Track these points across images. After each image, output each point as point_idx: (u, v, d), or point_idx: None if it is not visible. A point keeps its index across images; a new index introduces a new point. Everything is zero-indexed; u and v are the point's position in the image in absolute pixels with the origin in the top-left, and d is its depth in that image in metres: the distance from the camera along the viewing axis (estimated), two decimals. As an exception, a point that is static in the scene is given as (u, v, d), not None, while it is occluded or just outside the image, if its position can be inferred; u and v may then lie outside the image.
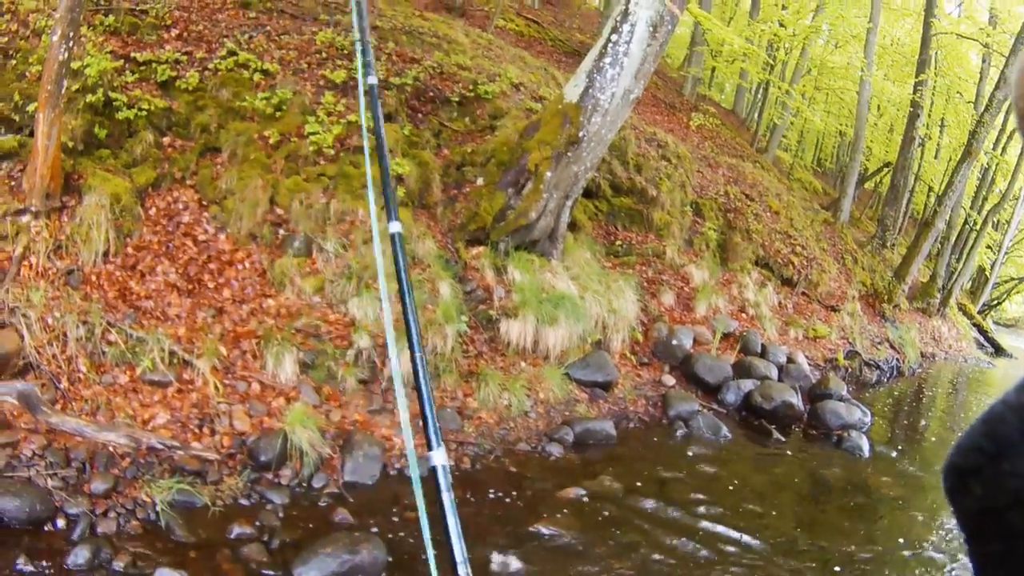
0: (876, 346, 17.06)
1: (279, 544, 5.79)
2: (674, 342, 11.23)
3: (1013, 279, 41.99)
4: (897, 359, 17.59)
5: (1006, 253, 32.27)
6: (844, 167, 29.93)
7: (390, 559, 5.74)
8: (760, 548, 7.32)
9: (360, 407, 7.68)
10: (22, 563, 5.00)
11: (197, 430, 6.66)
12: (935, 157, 28.13)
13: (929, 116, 23.47)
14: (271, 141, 8.88)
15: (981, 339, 28.84)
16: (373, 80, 2.68)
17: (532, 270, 9.51)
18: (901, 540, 8.29)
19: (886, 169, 27.21)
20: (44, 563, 5.08)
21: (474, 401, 8.42)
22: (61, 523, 5.47)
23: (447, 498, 1.46)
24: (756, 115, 26.76)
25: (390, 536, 6.11)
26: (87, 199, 7.53)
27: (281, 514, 6.18)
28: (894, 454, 11.23)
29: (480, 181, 9.69)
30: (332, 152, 8.91)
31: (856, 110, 22.04)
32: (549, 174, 9.33)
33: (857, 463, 10.34)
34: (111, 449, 6.05)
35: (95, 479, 5.82)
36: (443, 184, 9.76)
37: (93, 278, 7.33)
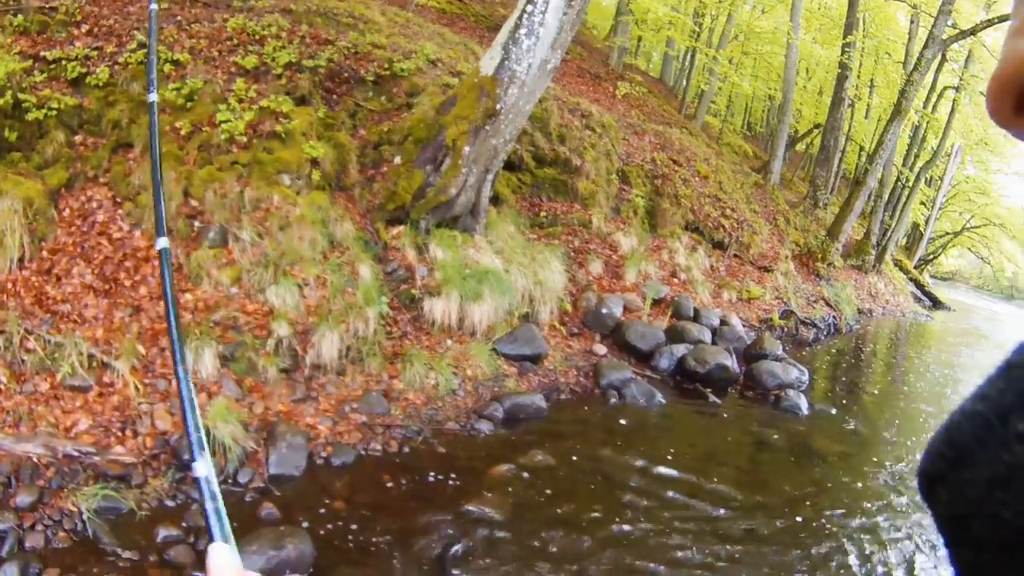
0: (812, 305, 17.21)
1: (205, 544, 5.62)
2: (604, 311, 11.18)
3: (948, 233, 42.89)
4: (834, 317, 17.77)
5: (940, 208, 32.95)
6: (774, 130, 30.21)
7: (317, 553, 5.63)
8: (701, 512, 7.35)
9: (283, 397, 7.53)
10: (-53, 590, 4.85)
11: (120, 433, 6.49)
12: (865, 117, 28.45)
13: (858, 77, 23.75)
14: (183, 132, 8.69)
15: (918, 293, 29.34)
16: (154, 97, 2.57)
17: (455, 247, 9.40)
18: (843, 497, 8.38)
19: (816, 131, 27.48)
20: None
21: (400, 383, 8.30)
22: None
23: (210, 507, 1.34)
24: (684, 82, 26.86)
25: (318, 529, 6.01)
26: (0, 203, 7.29)
27: None
28: (833, 411, 11.36)
29: (398, 160, 9.53)
30: (244, 139, 8.69)
31: (784, 74, 22.23)
32: (467, 149, 9.21)
33: (796, 422, 10.45)
34: (34, 460, 5.90)
35: (20, 492, 5.65)
36: (360, 165, 9.59)
37: (9, 285, 7.14)
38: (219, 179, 8.39)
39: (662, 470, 8.04)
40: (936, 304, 29.64)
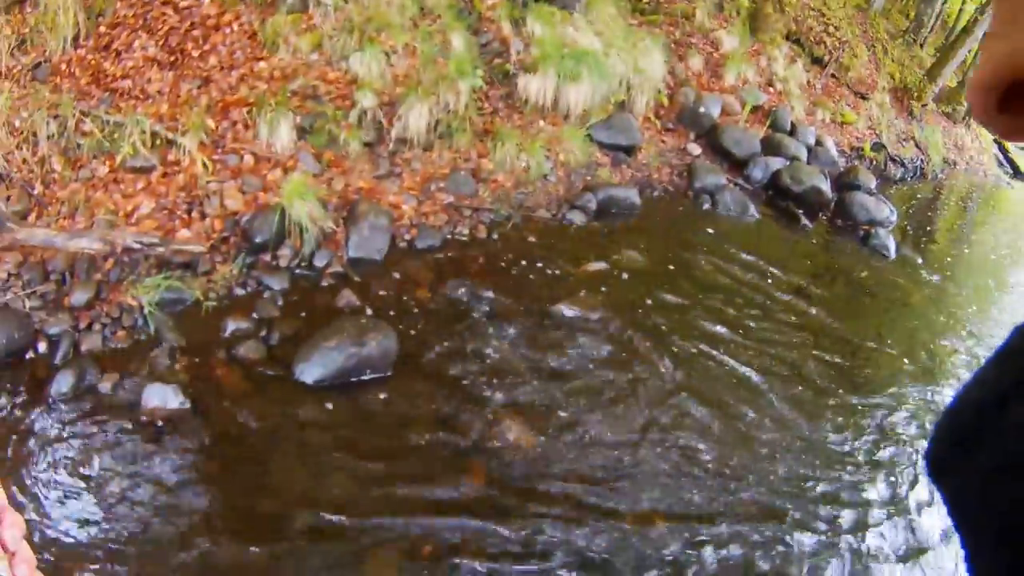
0: (902, 143, 16.47)
1: (279, 338, 5.39)
2: (701, 109, 10.63)
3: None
4: (922, 159, 17.05)
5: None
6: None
7: (400, 350, 5.37)
8: (787, 337, 7.07)
9: (365, 173, 7.21)
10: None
11: (186, 215, 6.17)
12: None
13: (979, -85, 22.12)
14: None
15: (1001, 157, 28.26)
16: None
17: (553, 23, 8.88)
18: (923, 354, 7.98)
19: (921, -39, 25.99)
20: (23, 399, 4.66)
21: (489, 163, 7.95)
22: (43, 347, 5.03)
23: None
24: None
25: (400, 322, 5.73)
26: None
27: (280, 302, 5.77)
28: (919, 260, 10.86)
29: (499, -78, 8.85)
30: None
31: None
32: (577, -85, 8.51)
33: (883, 262, 10.00)
34: (91, 253, 5.57)
35: (76, 289, 5.37)
36: (459, -76, 8.91)
37: (63, 67, 6.78)
38: None
39: (753, 291, 7.75)
40: (1017, 172, 28.57)
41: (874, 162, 14.39)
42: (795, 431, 5.86)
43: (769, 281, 8.01)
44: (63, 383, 4.73)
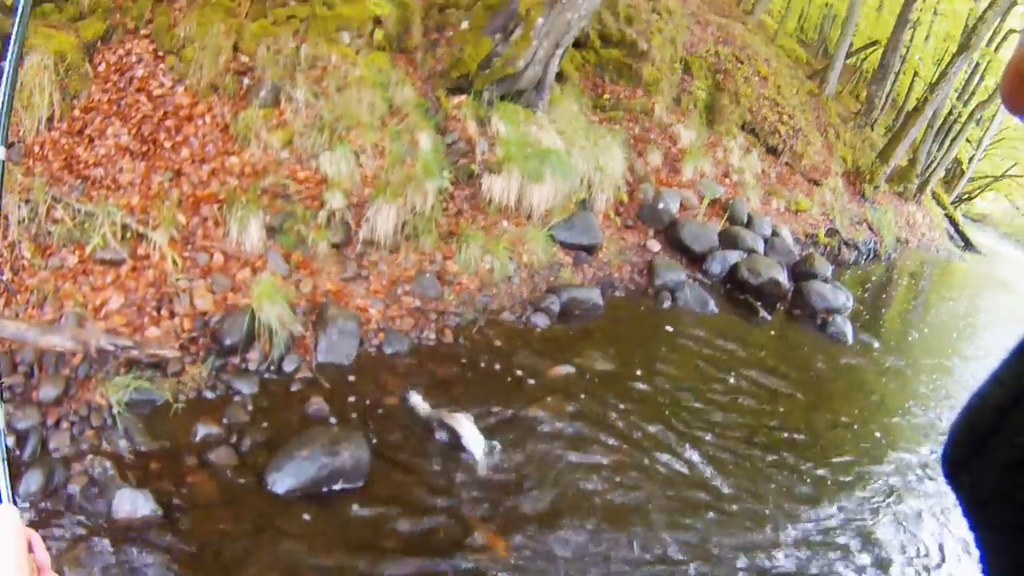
0: (855, 226, 17.05)
1: (250, 445, 5.39)
2: (660, 205, 11.02)
3: (988, 176, 42.44)
4: (875, 241, 17.63)
5: (985, 150, 32.56)
6: (827, 39, 29.44)
7: (372, 460, 5.42)
8: (751, 433, 7.33)
9: (333, 275, 7.32)
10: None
11: (155, 312, 6.14)
12: (925, 41, 27.78)
13: (923, 0, 23.00)
14: None
15: (952, 231, 29.04)
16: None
17: (517, 122, 9.16)
18: (887, 438, 8.30)
19: (873, 47, 26.93)
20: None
21: (454, 264, 8.16)
22: (10, 441, 4.93)
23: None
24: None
25: (371, 431, 5.79)
26: (27, 60, 6.86)
27: (250, 407, 5.78)
28: (877, 344, 11.23)
29: (465, 24, 9.21)
30: (303, -10, 8.28)
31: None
32: (541, 20, 8.93)
33: (841, 350, 10.39)
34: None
35: (44, 384, 5.29)
36: (424, 27, 9.27)
37: (36, 149, 6.70)
38: (273, 33, 8.02)
39: (714, 390, 7.97)
40: (968, 245, 29.36)
41: (829, 248, 14.86)
42: (758, 533, 6.02)
43: (732, 376, 8.30)
44: (32, 482, 4.67)
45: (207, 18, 7.86)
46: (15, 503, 1.14)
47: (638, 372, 7.74)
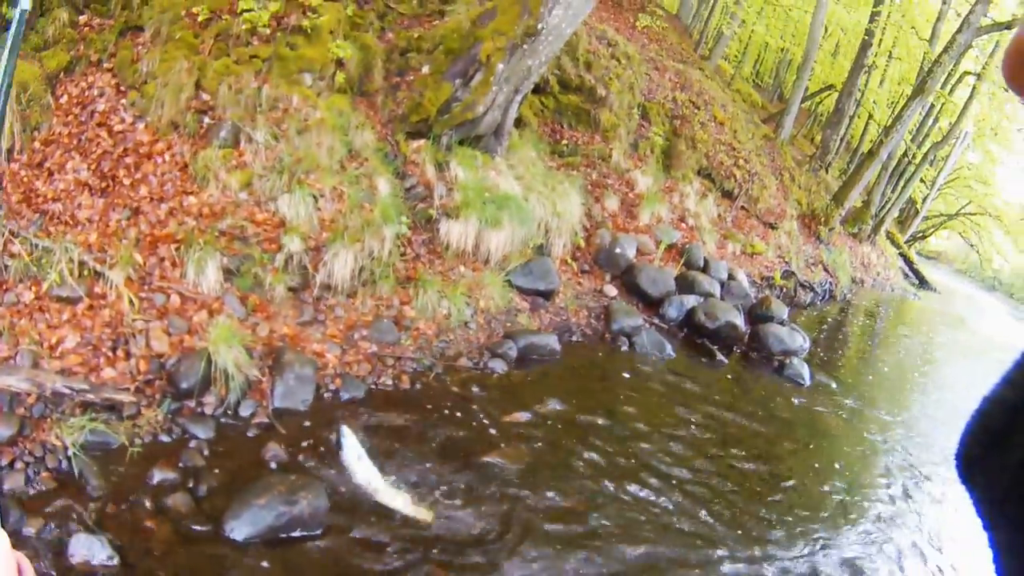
0: (811, 267, 17.33)
1: (206, 491, 5.36)
2: (617, 250, 11.17)
3: (942, 215, 43.38)
4: (831, 282, 17.92)
5: (938, 189, 33.27)
6: (782, 83, 30.02)
7: (330, 508, 5.41)
8: (708, 476, 7.41)
9: (290, 319, 7.30)
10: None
11: (110, 353, 6.07)
12: (880, 85, 28.40)
13: (879, 44, 23.57)
14: (200, 19, 8.17)
15: (906, 269, 29.57)
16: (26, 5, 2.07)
17: (475, 167, 9.25)
18: (838, 483, 8.43)
19: (827, 91, 27.50)
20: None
21: (411, 310, 8.19)
22: None
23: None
24: (702, 22, 26.55)
25: (328, 475, 5.79)
26: None
27: (206, 451, 5.74)
28: (833, 385, 11.40)
29: (426, 69, 9.26)
30: (267, 31, 8.26)
31: (809, 31, 22.23)
32: (501, 66, 9.01)
33: (799, 392, 10.59)
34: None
35: None
36: (385, 71, 9.30)
37: None
38: (235, 73, 7.98)
39: (675, 432, 8.09)
40: (923, 283, 29.92)
41: (784, 290, 15.09)
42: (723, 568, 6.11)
43: (691, 421, 8.41)
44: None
45: (170, 54, 7.87)
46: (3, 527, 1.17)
47: (596, 417, 7.82)
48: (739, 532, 6.68)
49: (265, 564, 4.93)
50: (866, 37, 21.71)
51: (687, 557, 6.15)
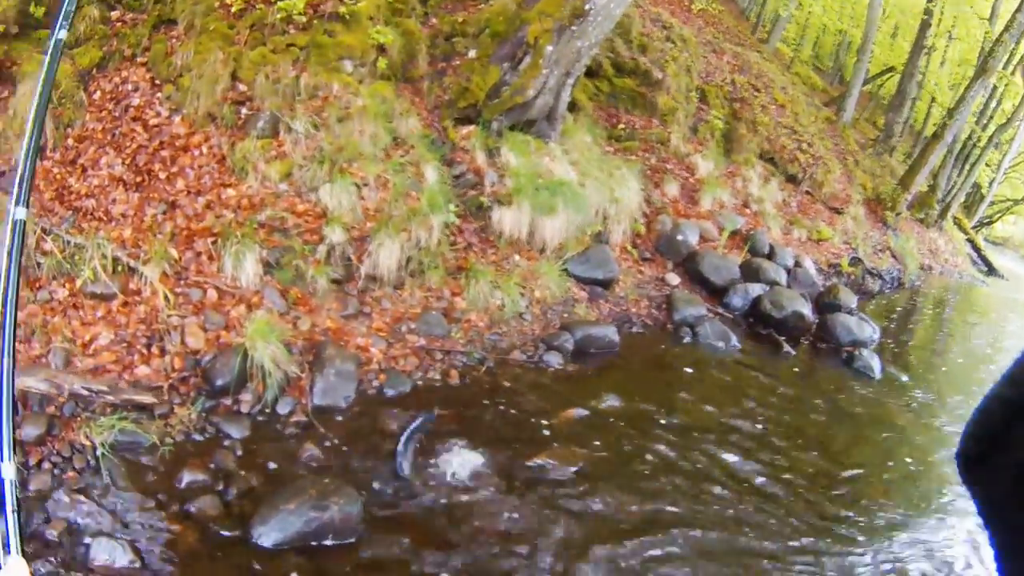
0: (878, 254, 16.48)
1: (236, 493, 5.04)
2: (679, 237, 10.56)
3: (1008, 199, 41.90)
4: (898, 269, 17.04)
5: (1004, 173, 32.04)
6: (842, 66, 29.08)
7: (366, 511, 5.02)
8: (779, 481, 6.76)
9: (333, 312, 6.93)
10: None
11: (145, 350, 5.83)
12: (940, 66, 27.41)
13: (938, 25, 22.65)
14: (233, 9, 7.88)
15: (974, 256, 28.45)
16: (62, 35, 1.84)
17: (528, 153, 8.78)
18: (909, 483, 7.73)
19: (889, 73, 26.59)
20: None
21: (462, 301, 7.73)
22: None
23: (11, 519, 1.38)
24: (758, 5, 26.01)
25: (364, 481, 5.38)
26: (21, 88, 6.72)
27: (240, 452, 5.42)
28: (904, 377, 10.65)
29: (472, 53, 8.87)
30: (304, 19, 7.92)
31: (868, 11, 21.41)
32: (550, 48, 8.55)
33: (868, 385, 9.75)
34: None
35: (27, 422, 5.03)
36: (430, 56, 8.94)
37: None
38: (272, 62, 7.67)
39: (739, 430, 7.44)
40: (991, 270, 28.73)
41: (852, 277, 14.33)
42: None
43: (756, 418, 7.75)
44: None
45: (205, 46, 7.58)
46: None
47: (656, 414, 7.24)
48: (814, 527, 6.10)
49: (294, 575, 4.55)
50: (924, 17, 20.79)
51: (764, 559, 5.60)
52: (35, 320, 5.64)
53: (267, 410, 5.85)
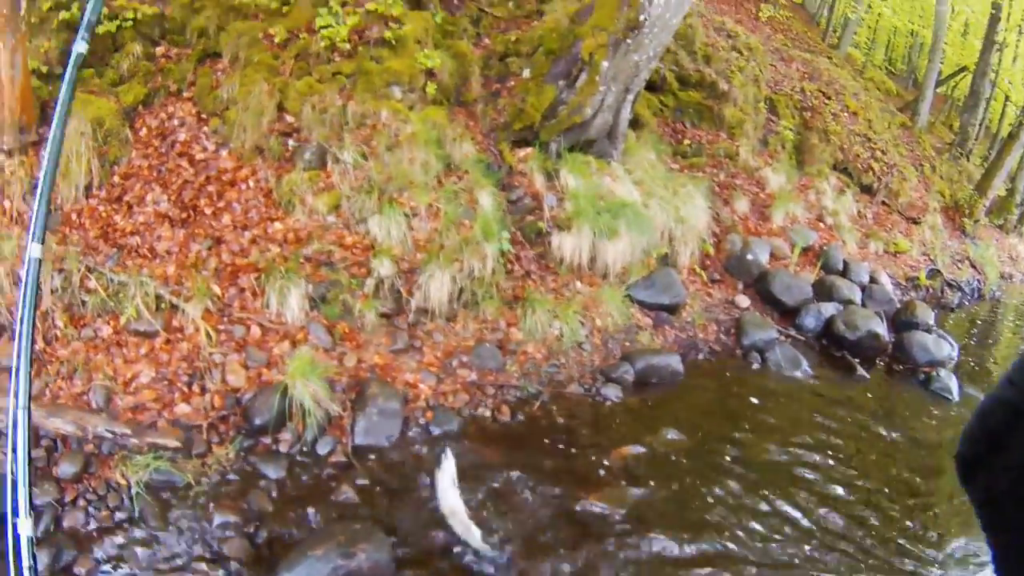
0: (957, 264, 15.58)
1: (267, 536, 4.87)
2: (749, 256, 9.99)
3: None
4: (978, 279, 16.09)
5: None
6: (916, 69, 28.02)
7: (396, 559, 4.74)
8: (853, 520, 6.22)
9: (381, 347, 6.63)
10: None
11: (186, 388, 5.73)
12: (1012, 63, 26.20)
13: (1007, 20, 21.59)
14: (277, 40, 7.75)
15: (1056, 262, 27.14)
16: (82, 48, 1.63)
17: (588, 174, 8.35)
18: None
19: (962, 73, 25.49)
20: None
21: (518, 332, 7.33)
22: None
23: None
24: (825, 10, 25.11)
25: (399, 526, 5.09)
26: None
27: (274, 493, 5.23)
28: (984, 399, 9.81)
29: (526, 73, 8.47)
30: (348, 47, 7.72)
31: (936, 9, 20.51)
32: (605, 64, 8.11)
33: (947, 408, 9.02)
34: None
35: (64, 460, 5.02)
36: (483, 78, 8.58)
37: (73, 217, 6.45)
38: (318, 91, 7.46)
39: (810, 463, 6.89)
40: (1075, 277, 27.34)
41: (931, 290, 13.55)
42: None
43: (828, 452, 7.16)
44: (40, 561, 4.26)
45: (250, 78, 7.38)
46: None
47: (718, 450, 6.73)
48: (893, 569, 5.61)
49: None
50: (993, 11, 19.80)
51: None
52: (78, 357, 5.58)
53: (306, 449, 5.64)
